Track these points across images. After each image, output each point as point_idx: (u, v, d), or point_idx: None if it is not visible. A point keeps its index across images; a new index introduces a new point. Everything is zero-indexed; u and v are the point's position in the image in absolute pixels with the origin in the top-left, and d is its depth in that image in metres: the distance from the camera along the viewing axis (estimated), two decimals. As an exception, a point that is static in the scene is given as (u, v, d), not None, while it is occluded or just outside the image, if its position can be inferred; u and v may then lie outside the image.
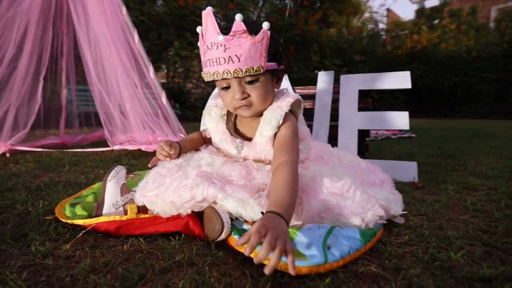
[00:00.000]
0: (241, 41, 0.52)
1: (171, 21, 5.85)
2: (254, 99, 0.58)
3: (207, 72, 0.57)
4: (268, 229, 0.38)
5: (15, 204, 0.71)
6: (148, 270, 0.42)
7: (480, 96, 8.59)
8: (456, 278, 0.40)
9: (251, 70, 0.54)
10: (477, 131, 3.01)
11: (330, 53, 8.36)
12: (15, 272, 0.41)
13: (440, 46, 7.90)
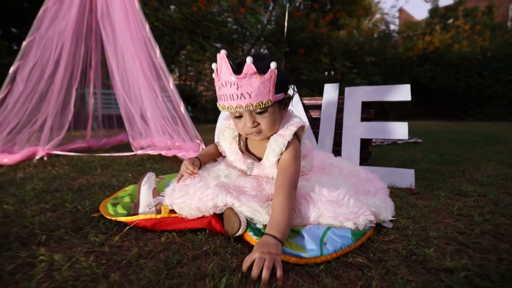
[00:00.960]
0: (251, 80, 0.62)
1: (184, 26, 6.05)
2: (264, 127, 0.68)
3: (222, 105, 0.68)
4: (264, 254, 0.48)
5: (65, 203, 0.85)
6: (183, 257, 0.54)
7: (495, 97, 8.38)
8: (426, 269, 0.50)
9: (260, 104, 0.63)
10: (487, 135, 3.02)
11: (340, 55, 8.37)
12: (83, 256, 0.54)
13: (453, 47, 7.76)
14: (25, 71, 1.38)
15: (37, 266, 0.51)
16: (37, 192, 0.96)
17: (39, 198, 0.91)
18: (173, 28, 6.08)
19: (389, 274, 0.49)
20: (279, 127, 0.72)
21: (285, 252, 0.52)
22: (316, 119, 1.38)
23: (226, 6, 6.30)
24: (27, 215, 0.76)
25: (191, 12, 5.91)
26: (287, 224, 0.56)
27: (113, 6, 1.55)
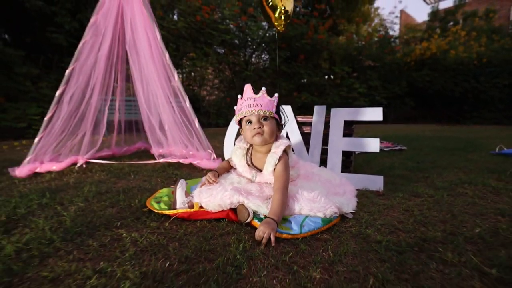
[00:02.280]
0: (263, 98, 1.00)
1: (188, 34, 6.41)
2: (265, 130, 1.01)
3: (242, 112, 1.03)
4: (266, 227, 0.81)
5: (119, 201, 1.18)
6: (214, 234, 0.86)
7: (491, 101, 8.69)
8: (366, 241, 0.82)
9: (266, 112, 1.00)
10: (470, 142, 3.33)
11: (340, 60, 8.71)
12: (149, 234, 0.87)
13: (449, 52, 8.08)
14: (68, 94, 1.71)
15: (123, 240, 0.84)
16: (93, 193, 1.29)
17: (97, 198, 1.23)
18: (178, 36, 6.43)
19: (341, 244, 0.81)
20: (272, 146, 1.05)
21: (278, 231, 0.84)
22: (308, 134, 1.71)
23: (229, 14, 6.66)
24: (96, 209, 1.09)
25: (195, 21, 6.27)
26: (281, 213, 0.88)
27: (139, 37, 1.88)
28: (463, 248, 0.78)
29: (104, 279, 0.63)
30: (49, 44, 5.14)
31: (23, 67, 4.74)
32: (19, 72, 4.72)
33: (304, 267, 0.68)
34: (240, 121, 1.07)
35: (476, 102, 8.75)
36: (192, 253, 0.75)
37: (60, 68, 5.37)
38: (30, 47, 5.24)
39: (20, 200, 1.19)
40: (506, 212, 1.05)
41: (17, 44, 4.95)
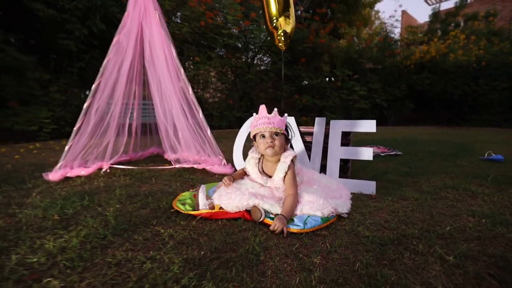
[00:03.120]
0: (275, 117, 1.23)
1: (192, 39, 6.62)
2: (276, 144, 1.24)
3: (257, 128, 1.26)
4: (280, 222, 1.03)
5: (148, 203, 1.39)
6: (234, 230, 1.08)
7: (491, 104, 8.87)
8: (356, 236, 1.04)
9: (277, 129, 1.22)
10: (463, 147, 3.54)
11: (340, 63, 8.92)
12: (181, 230, 1.08)
13: (449, 56, 8.27)
14: (94, 107, 1.93)
15: (162, 235, 1.05)
16: (124, 196, 1.51)
17: (129, 200, 1.45)
18: (182, 41, 6.65)
19: (336, 238, 1.02)
20: (281, 156, 1.27)
21: (288, 226, 1.06)
22: (309, 143, 1.92)
23: (232, 19, 6.87)
24: (131, 210, 1.30)
25: (199, 26, 6.48)
26: (291, 213, 1.12)
27: (156, 54, 2.10)
28: (434, 242, 0.99)
29: (156, 264, 0.85)
30: (59, 49, 5.37)
31: (35, 73, 4.96)
32: (31, 77, 4.94)
33: (307, 255, 0.89)
34: (255, 135, 1.29)
35: (475, 105, 8.94)
36: (219, 245, 0.96)
37: (69, 72, 5.61)
38: (41, 53, 5.47)
39: (64, 202, 1.41)
40: (476, 213, 1.26)
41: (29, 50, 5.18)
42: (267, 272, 0.79)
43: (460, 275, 0.79)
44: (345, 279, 0.76)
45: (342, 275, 0.78)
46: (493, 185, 1.75)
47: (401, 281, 0.75)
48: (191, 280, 0.75)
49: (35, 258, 0.88)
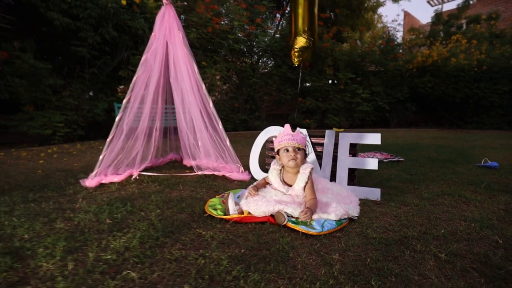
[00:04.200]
0: (298, 135, 1.46)
1: (199, 44, 6.84)
2: (298, 157, 1.47)
3: (282, 143, 1.49)
4: (309, 210, 1.29)
5: (184, 208, 1.62)
6: (263, 232, 1.30)
7: (492, 107, 9.06)
8: (365, 238, 1.26)
9: (299, 145, 1.45)
10: (462, 153, 3.75)
11: (344, 66, 9.12)
12: (218, 232, 1.31)
13: (450, 60, 8.46)
14: (125, 120, 2.15)
15: (204, 236, 1.27)
16: (159, 201, 1.73)
17: (165, 205, 1.67)
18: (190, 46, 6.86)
19: (349, 239, 1.24)
20: (300, 168, 1.50)
21: (308, 229, 1.28)
22: (320, 153, 2.14)
23: (238, 25, 7.09)
24: (170, 215, 1.52)
25: (206, 32, 6.70)
26: (314, 208, 1.38)
27: (180, 70, 2.32)
28: (430, 242, 1.21)
29: (208, 260, 1.07)
30: (72, 55, 5.60)
31: (50, 79, 5.19)
32: (47, 83, 5.18)
33: (327, 253, 1.11)
34: (279, 149, 1.52)
35: (476, 108, 9.13)
36: (254, 244, 1.18)
37: (81, 77, 5.83)
38: (54, 59, 5.69)
39: (109, 207, 1.63)
40: (468, 218, 1.48)
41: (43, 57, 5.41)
42: (298, 266, 1.02)
43: (450, 269, 1.01)
44: (359, 271, 0.98)
45: (356, 268, 1.00)
46: (486, 192, 1.96)
47: (403, 273, 0.97)
48: (239, 272, 0.97)
49: (108, 256, 1.10)
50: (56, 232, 1.32)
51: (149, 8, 6.00)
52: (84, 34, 5.20)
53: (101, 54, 5.75)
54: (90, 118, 6.08)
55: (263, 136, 2.37)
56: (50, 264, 1.05)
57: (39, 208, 1.65)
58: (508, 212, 1.58)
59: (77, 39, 5.27)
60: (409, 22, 21.37)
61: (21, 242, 1.23)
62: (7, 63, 4.80)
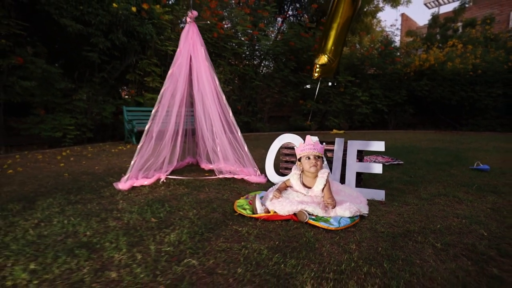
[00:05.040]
0: (318, 144, 1.75)
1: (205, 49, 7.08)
2: (318, 164, 1.75)
3: (305, 152, 1.77)
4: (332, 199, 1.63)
5: (215, 208, 1.87)
6: (290, 228, 1.56)
7: (486, 110, 9.44)
8: (376, 232, 1.52)
9: (319, 153, 1.74)
10: (456, 156, 4.05)
11: (343, 69, 9.42)
12: (251, 228, 1.56)
13: (447, 64, 8.81)
14: (154, 129, 2.40)
15: (241, 232, 1.53)
16: (192, 202, 1.98)
17: (199, 205, 1.92)
18: (195, 50, 7.10)
19: (362, 233, 1.51)
20: (318, 173, 1.77)
21: (327, 225, 1.54)
22: (331, 158, 2.41)
23: (241, 30, 7.34)
24: (205, 214, 1.78)
25: (211, 37, 6.95)
26: (332, 203, 1.66)
27: (203, 83, 2.57)
28: (428, 235, 1.48)
29: (250, 250, 1.32)
30: (82, 60, 5.80)
31: (62, 83, 5.39)
32: (58, 87, 5.38)
33: (346, 244, 1.38)
34: (301, 157, 1.79)
35: (471, 110, 9.51)
36: (285, 238, 1.44)
37: (91, 81, 6.04)
38: (65, 63, 5.89)
39: (150, 208, 1.88)
40: (460, 215, 1.76)
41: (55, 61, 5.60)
42: (324, 254, 1.28)
43: (444, 255, 1.27)
44: (373, 257, 1.24)
45: (371, 255, 1.27)
46: (476, 193, 2.25)
47: (407, 258, 1.24)
48: (278, 259, 1.23)
49: (166, 248, 1.35)
50: (112, 229, 1.57)
51: (157, 14, 6.22)
52: (95, 40, 5.41)
53: (111, 59, 5.96)
54: (98, 121, 6.29)
55: (278, 142, 2.63)
56: (120, 255, 1.29)
57: (86, 209, 1.89)
58: (494, 210, 1.86)
59: (89, 44, 5.48)
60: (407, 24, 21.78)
61: (86, 238, 1.48)
62: (21, 67, 4.99)
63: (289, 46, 8.14)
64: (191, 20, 2.54)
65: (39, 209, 1.91)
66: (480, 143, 5.78)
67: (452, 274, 1.12)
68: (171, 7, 6.74)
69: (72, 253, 1.30)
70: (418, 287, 1.04)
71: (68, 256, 1.27)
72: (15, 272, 1.15)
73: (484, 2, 19.68)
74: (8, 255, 1.30)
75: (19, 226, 1.62)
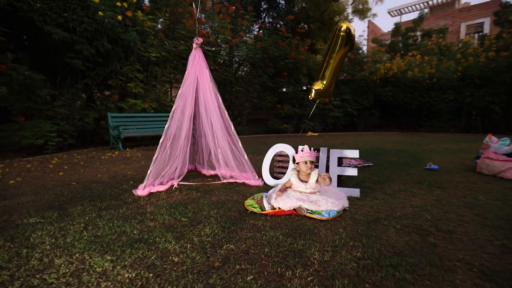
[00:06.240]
0: (312, 152, 2.34)
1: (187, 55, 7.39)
2: (312, 166, 2.33)
3: (303, 158, 2.35)
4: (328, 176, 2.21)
5: (230, 208, 2.35)
6: (293, 220, 2.10)
7: (441, 113, 10.84)
8: (355, 220, 2.12)
9: (313, 159, 2.33)
10: (415, 157, 4.92)
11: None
12: (265, 222, 2.08)
13: (407, 73, 10.02)
14: (168, 142, 2.80)
15: (258, 224, 2.04)
16: (209, 204, 2.44)
17: (216, 207, 2.39)
18: (178, 56, 7.40)
19: (346, 221, 2.10)
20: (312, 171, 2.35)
21: (321, 216, 2.11)
22: (317, 163, 3.00)
23: (223, 37, 7.78)
24: (223, 213, 2.26)
25: (194, 44, 7.29)
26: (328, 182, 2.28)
27: (208, 101, 3.02)
28: (391, 220, 2.11)
29: (269, 236, 1.84)
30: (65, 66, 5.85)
31: (44, 90, 5.44)
32: (40, 94, 5.42)
33: (336, 228, 1.96)
34: (299, 161, 2.35)
35: (429, 114, 10.89)
36: (292, 226, 1.98)
37: (74, 88, 6.10)
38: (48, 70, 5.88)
39: (175, 210, 2.31)
40: (414, 206, 2.43)
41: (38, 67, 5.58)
42: (322, 236, 1.84)
43: (402, 232, 1.90)
44: (355, 236, 1.83)
45: (354, 235, 1.85)
46: (427, 188, 2.98)
47: (377, 235, 1.84)
48: (291, 241, 1.77)
49: (206, 239, 1.82)
50: (154, 228, 1.99)
51: (140, 21, 6.44)
52: (80, 47, 5.52)
53: (95, 66, 6.07)
54: (80, 127, 6.36)
55: (273, 151, 3.17)
56: (173, 246, 1.74)
57: (121, 213, 2.27)
58: (437, 201, 2.58)
59: (73, 51, 5.57)
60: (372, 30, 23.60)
61: (136, 235, 1.89)
62: (2, 74, 4.98)
63: (267, 53, 8.74)
64: (197, 46, 2.97)
65: (76, 215, 2.25)
66: (434, 144, 6.85)
67: (406, 244, 1.74)
68: (154, 14, 6.98)
69: (133, 247, 1.72)
70: (385, 253, 1.64)
71: (132, 249, 1.69)
72: (98, 262, 1.56)
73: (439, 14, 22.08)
74: (80, 251, 1.68)
75: (70, 230, 1.98)
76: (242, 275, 1.41)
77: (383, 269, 1.45)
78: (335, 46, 3.48)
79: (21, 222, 2.14)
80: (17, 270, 1.49)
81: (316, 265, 1.50)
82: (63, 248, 1.72)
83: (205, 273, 1.43)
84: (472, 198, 2.63)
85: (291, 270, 1.45)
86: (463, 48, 11.30)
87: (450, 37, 19.37)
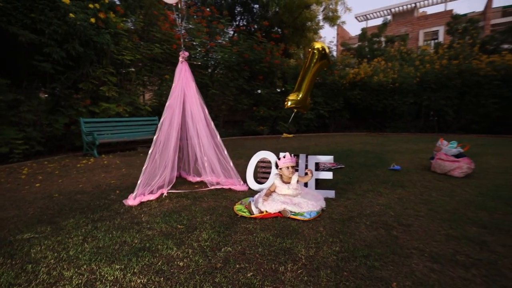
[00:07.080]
0: (293, 159, 2.68)
1: (162, 58, 7.40)
2: (293, 171, 2.66)
3: (286, 164, 2.67)
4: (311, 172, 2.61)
5: (222, 214, 2.59)
6: (280, 221, 2.40)
7: (403, 115, 11.86)
8: (332, 218, 2.48)
9: (295, 164, 2.66)
10: (380, 158, 5.50)
11: (291, 78, 10.74)
12: (256, 225, 2.36)
13: (373, 77, 10.87)
14: (157, 153, 2.95)
15: (250, 227, 2.31)
16: (200, 211, 2.66)
17: (208, 213, 2.61)
18: (153, 60, 7.38)
19: (324, 220, 2.45)
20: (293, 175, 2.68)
21: (303, 217, 2.43)
22: (296, 168, 3.34)
23: (199, 42, 7.89)
24: (215, 219, 2.49)
25: (170, 48, 7.33)
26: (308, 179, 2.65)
27: (194, 111, 3.21)
28: (362, 218, 2.49)
29: (260, 237, 2.11)
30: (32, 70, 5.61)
31: (9, 94, 5.20)
32: (4, 99, 5.17)
33: (316, 227, 2.29)
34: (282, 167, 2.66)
35: (392, 115, 11.89)
36: (280, 228, 2.28)
37: (42, 92, 5.86)
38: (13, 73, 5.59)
39: (170, 218, 2.50)
40: (380, 204, 2.86)
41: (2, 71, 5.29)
42: (305, 234, 2.16)
43: (371, 228, 2.28)
44: (333, 233, 2.18)
45: (331, 231, 2.20)
46: (391, 187, 3.46)
47: (351, 231, 2.20)
48: (280, 240, 2.06)
49: (204, 243, 2.05)
50: (153, 236, 2.17)
51: (113, 23, 6.36)
52: (49, 49, 5.34)
53: (65, 69, 5.89)
54: (49, 133, 6.13)
55: (256, 158, 3.45)
56: (175, 252, 1.94)
57: (116, 224, 2.40)
58: (399, 199, 3.03)
59: (41, 54, 5.37)
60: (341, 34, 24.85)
61: (138, 244, 2.06)
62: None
63: (243, 57, 9.00)
64: (183, 59, 3.15)
65: (70, 228, 2.34)
66: (397, 145, 7.60)
67: (374, 237, 2.12)
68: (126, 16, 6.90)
69: (138, 255, 1.90)
70: (358, 246, 1.99)
71: (137, 257, 1.87)
72: (108, 271, 1.72)
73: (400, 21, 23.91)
74: (87, 263, 1.82)
75: (70, 243, 2.09)
76: (242, 273, 1.67)
77: (357, 259, 1.80)
78: (311, 61, 3.86)
79: (14, 238, 2.18)
80: (28, 285, 1.59)
81: (304, 260, 1.81)
82: (68, 261, 1.84)
83: (210, 274, 1.67)
84: (427, 195, 3.13)
85: (283, 266, 1.74)
86: (421, 55, 12.48)
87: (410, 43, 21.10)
